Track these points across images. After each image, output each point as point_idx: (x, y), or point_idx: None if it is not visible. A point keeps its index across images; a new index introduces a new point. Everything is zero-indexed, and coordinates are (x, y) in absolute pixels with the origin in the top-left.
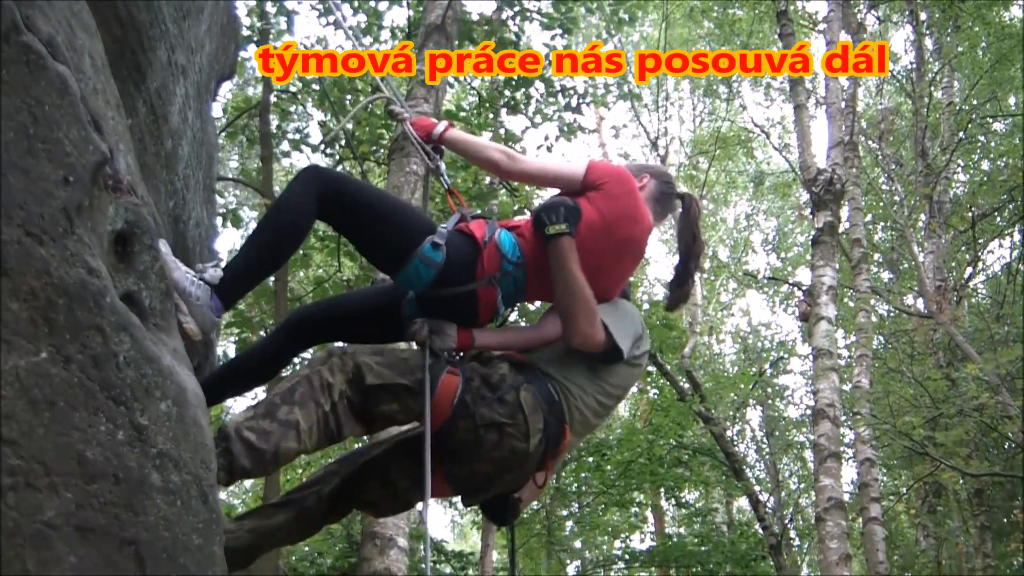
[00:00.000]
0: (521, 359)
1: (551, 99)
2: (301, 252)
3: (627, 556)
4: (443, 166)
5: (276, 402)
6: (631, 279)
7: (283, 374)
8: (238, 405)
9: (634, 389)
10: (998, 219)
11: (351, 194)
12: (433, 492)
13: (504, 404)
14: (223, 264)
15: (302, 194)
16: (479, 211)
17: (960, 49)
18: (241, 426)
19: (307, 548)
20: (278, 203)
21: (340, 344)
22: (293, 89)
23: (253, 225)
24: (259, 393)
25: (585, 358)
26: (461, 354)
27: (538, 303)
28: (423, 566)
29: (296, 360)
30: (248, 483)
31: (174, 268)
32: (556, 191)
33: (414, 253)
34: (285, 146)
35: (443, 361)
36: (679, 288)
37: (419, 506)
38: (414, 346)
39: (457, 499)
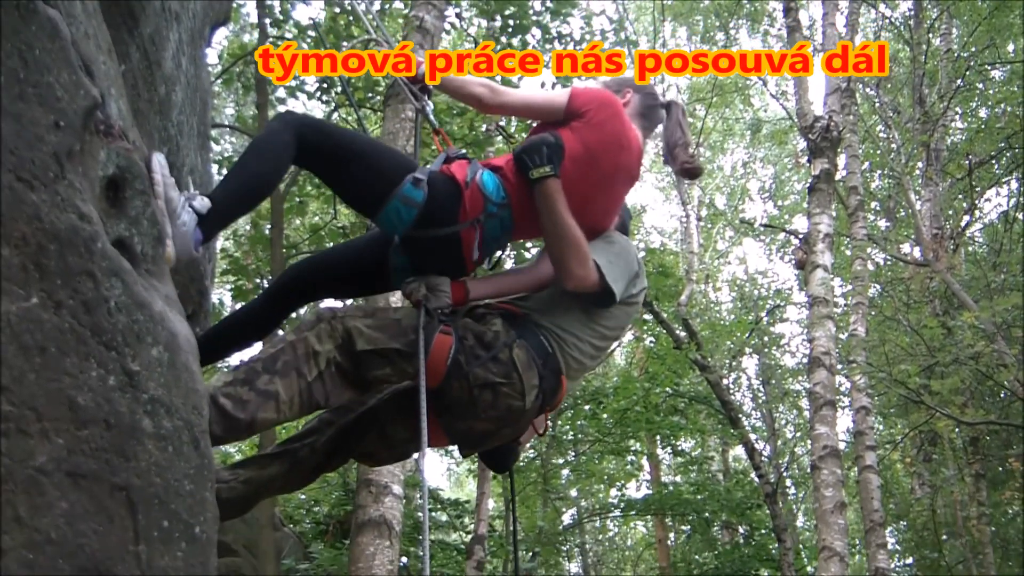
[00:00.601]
0: (513, 311)
1: (548, 45)
2: (297, 200)
3: (623, 504)
4: (430, 106)
5: (257, 369)
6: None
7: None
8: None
9: (630, 335)
10: (995, 167)
11: (328, 136)
12: (431, 443)
13: (498, 363)
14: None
15: (280, 134)
16: (464, 151)
17: None
18: (218, 392)
19: (303, 496)
20: (256, 143)
21: (330, 306)
22: (289, 36)
23: None
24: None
25: (579, 302)
26: (453, 311)
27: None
28: (419, 514)
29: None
30: None
31: (171, 186)
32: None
33: (393, 193)
34: (281, 93)
35: (436, 320)
36: (680, 160)
37: (415, 455)
38: (406, 302)
39: (454, 448)
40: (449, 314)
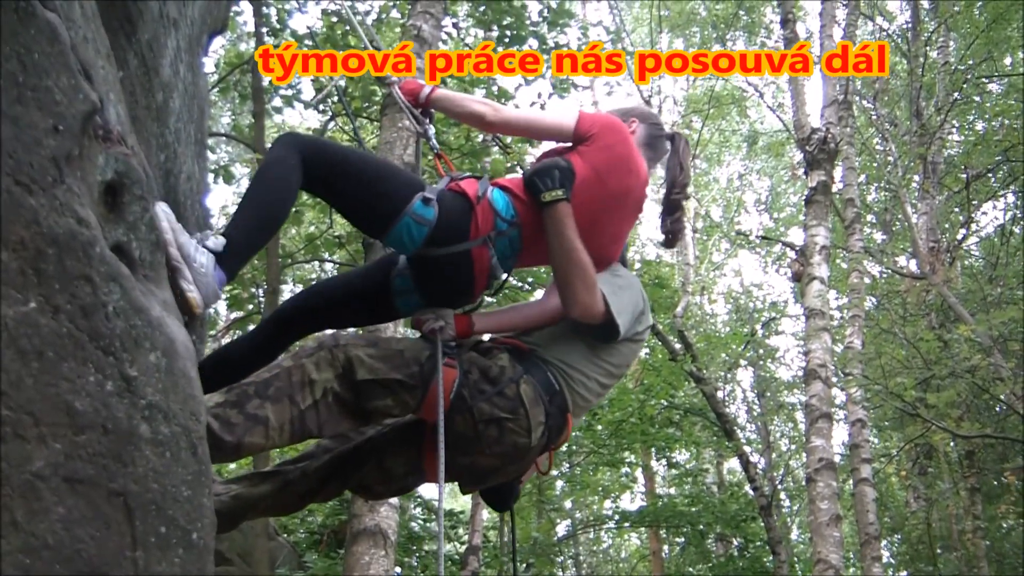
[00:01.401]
0: (520, 346)
1: (545, 56)
2: (293, 209)
3: (617, 516)
4: (432, 130)
5: (249, 392)
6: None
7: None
8: None
9: None
10: (992, 180)
11: (332, 156)
12: (431, 478)
13: (504, 398)
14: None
15: (286, 156)
16: (468, 173)
17: (956, 8)
18: (207, 411)
19: None
20: (263, 169)
21: (331, 333)
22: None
23: (245, 181)
24: None
25: (584, 339)
26: (457, 344)
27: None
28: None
29: None
30: None
31: (180, 231)
32: (545, 146)
33: (403, 211)
34: (277, 102)
35: (441, 353)
36: (671, 219)
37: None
38: (409, 333)
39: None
40: (454, 347)
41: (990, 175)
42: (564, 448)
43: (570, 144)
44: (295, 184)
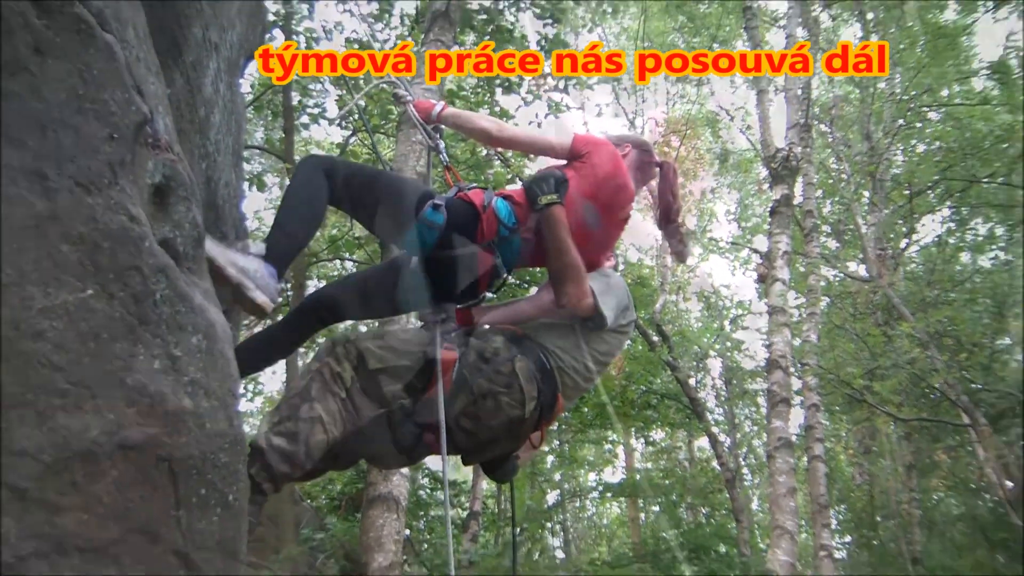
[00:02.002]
0: (515, 330)
1: (543, 80)
2: None
3: (600, 487)
4: (442, 144)
5: (296, 403)
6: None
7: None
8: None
9: None
10: (931, 196)
11: (351, 171)
12: (436, 451)
13: (500, 374)
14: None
15: (314, 177)
16: (475, 184)
17: (902, 46)
18: (270, 435)
19: None
20: (293, 188)
21: (342, 332)
22: None
23: (276, 189)
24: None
25: (575, 328)
26: (458, 331)
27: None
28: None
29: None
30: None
31: (226, 251)
32: (543, 162)
33: (417, 218)
34: (305, 119)
35: (440, 338)
36: (675, 241)
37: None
38: (414, 324)
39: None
40: (454, 334)
41: (929, 191)
42: (554, 427)
43: (565, 161)
44: (324, 199)
